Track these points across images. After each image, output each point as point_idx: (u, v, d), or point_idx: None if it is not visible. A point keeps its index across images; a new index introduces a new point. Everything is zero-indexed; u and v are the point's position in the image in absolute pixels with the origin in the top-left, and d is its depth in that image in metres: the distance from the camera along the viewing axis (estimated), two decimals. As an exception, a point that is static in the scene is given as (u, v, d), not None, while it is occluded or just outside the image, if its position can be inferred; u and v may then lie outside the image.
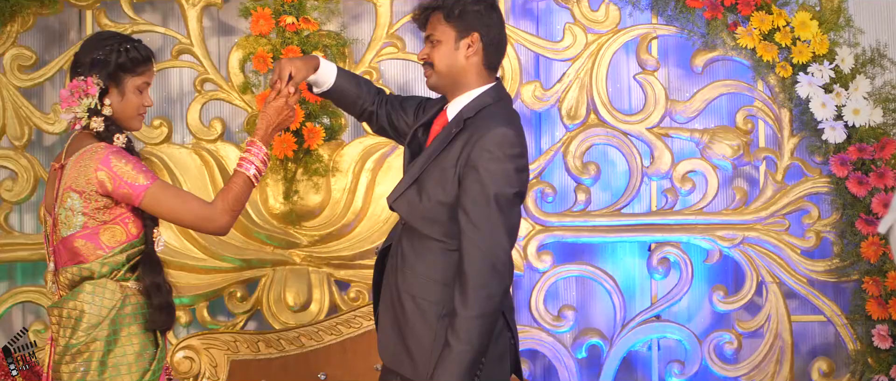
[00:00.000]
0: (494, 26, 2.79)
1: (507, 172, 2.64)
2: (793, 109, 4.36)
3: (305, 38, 4.30)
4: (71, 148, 2.83)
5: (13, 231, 4.45)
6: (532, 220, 4.40)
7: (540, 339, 4.40)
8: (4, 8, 4.34)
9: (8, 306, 4.44)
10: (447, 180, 2.68)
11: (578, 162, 4.40)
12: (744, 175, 4.60)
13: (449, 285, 2.67)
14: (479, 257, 2.60)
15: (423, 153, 2.78)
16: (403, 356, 2.76)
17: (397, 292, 2.77)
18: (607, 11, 4.42)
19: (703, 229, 4.39)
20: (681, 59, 4.59)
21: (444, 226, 2.70)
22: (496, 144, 2.64)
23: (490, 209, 2.61)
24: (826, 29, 4.28)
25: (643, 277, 4.56)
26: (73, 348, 2.76)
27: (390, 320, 2.80)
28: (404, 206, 2.77)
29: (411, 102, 3.06)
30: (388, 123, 3.05)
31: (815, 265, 4.38)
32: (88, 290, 2.78)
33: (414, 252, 2.76)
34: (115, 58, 2.81)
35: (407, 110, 3.03)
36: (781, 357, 4.38)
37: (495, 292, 2.62)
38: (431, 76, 2.82)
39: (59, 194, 2.79)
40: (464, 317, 2.60)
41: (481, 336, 2.62)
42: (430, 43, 2.81)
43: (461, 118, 2.73)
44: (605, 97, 4.41)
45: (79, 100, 2.79)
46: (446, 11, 2.77)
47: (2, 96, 4.43)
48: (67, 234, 2.78)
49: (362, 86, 3.06)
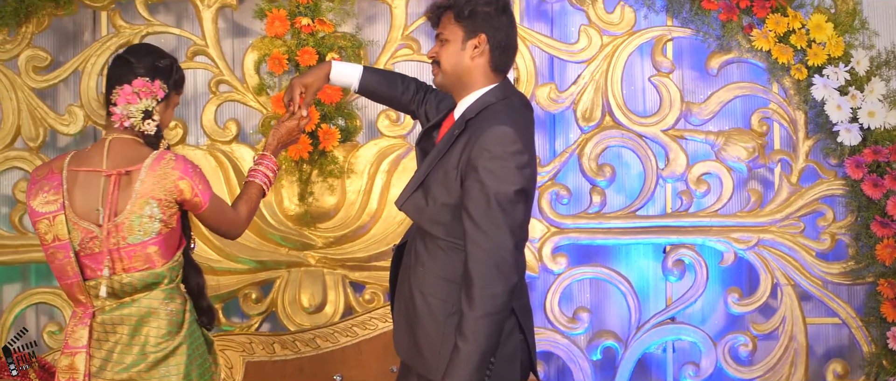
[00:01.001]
0: (503, 29, 2.79)
1: (506, 169, 2.62)
2: (808, 112, 4.37)
3: (321, 39, 4.30)
4: (115, 153, 2.84)
5: (28, 233, 4.44)
6: (547, 222, 4.40)
7: (555, 341, 4.40)
8: (20, 9, 4.34)
9: (23, 307, 4.44)
10: (450, 182, 2.69)
11: (593, 164, 4.41)
12: (758, 177, 4.61)
13: (456, 283, 2.68)
14: (483, 257, 2.60)
15: (429, 156, 2.79)
16: (415, 351, 2.78)
17: (409, 288, 2.79)
18: (622, 13, 4.42)
19: (718, 232, 4.39)
20: (695, 61, 4.59)
21: (450, 227, 2.71)
22: (494, 142, 2.63)
23: (491, 209, 2.60)
24: (841, 31, 4.29)
25: (658, 279, 4.56)
26: (155, 352, 2.82)
27: (403, 316, 2.83)
28: (412, 208, 2.78)
29: (438, 97, 3.09)
30: (427, 120, 3.08)
31: (830, 268, 4.38)
32: (160, 296, 2.85)
33: (426, 250, 2.77)
34: (175, 71, 2.94)
35: (438, 107, 3.07)
36: (796, 359, 4.38)
37: (500, 291, 2.61)
38: (438, 75, 2.83)
39: (126, 200, 2.81)
40: (470, 318, 2.60)
41: (488, 336, 2.61)
42: (439, 41, 2.82)
43: (463, 119, 2.74)
44: (620, 99, 4.41)
45: (140, 99, 2.84)
46: (457, 11, 2.78)
47: (17, 97, 4.43)
48: (142, 240, 2.81)
49: (398, 85, 3.12)
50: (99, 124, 4.42)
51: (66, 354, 2.84)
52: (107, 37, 4.44)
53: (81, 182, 2.84)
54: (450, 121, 2.84)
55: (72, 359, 2.82)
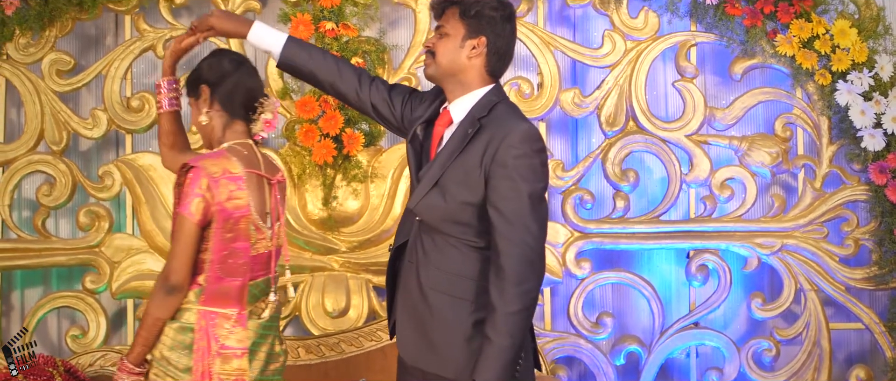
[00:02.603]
0: (504, 36, 2.78)
1: (534, 167, 2.66)
2: (831, 117, 4.37)
3: (345, 43, 4.30)
4: (266, 161, 3.00)
5: (50, 236, 4.44)
6: (571, 226, 4.40)
7: (578, 346, 4.40)
8: (43, 12, 4.34)
9: (46, 310, 4.43)
10: (472, 181, 2.68)
11: (617, 169, 4.41)
12: (782, 183, 4.61)
13: (474, 280, 2.69)
14: (517, 253, 2.61)
15: (440, 156, 2.76)
16: (426, 351, 2.77)
17: (420, 287, 2.77)
18: (646, 18, 4.43)
19: (742, 237, 4.40)
20: (717, 66, 4.59)
21: (469, 226, 2.71)
22: (522, 140, 2.65)
23: (522, 205, 2.62)
24: (865, 37, 4.30)
25: (681, 284, 4.57)
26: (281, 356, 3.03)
27: (410, 316, 2.80)
28: (426, 208, 2.77)
29: (399, 90, 3.00)
30: (372, 108, 3.00)
31: (854, 273, 4.39)
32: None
33: (437, 249, 2.76)
34: None
35: (393, 99, 2.98)
36: (819, 365, 4.39)
37: (533, 286, 2.64)
38: (430, 66, 2.81)
39: (281, 205, 3.01)
40: (503, 313, 2.61)
41: (521, 331, 2.64)
42: (438, 34, 2.81)
43: (474, 118, 2.73)
44: (644, 104, 4.41)
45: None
46: (463, 8, 2.77)
47: (40, 101, 4.42)
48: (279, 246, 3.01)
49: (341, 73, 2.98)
50: (122, 128, 4.42)
51: (225, 355, 2.84)
52: (130, 40, 4.44)
53: (255, 184, 2.91)
54: (444, 118, 2.82)
55: (236, 361, 2.85)
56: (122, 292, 4.38)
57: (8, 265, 4.42)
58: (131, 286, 4.37)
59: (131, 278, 4.37)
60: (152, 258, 4.37)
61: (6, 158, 4.42)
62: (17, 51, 4.42)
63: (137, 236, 4.41)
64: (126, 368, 2.86)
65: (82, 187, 4.43)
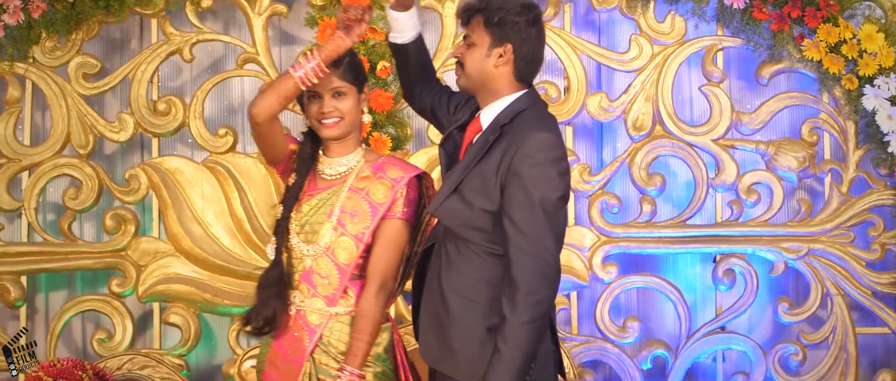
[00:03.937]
0: (530, 41, 2.76)
1: (550, 176, 2.63)
2: (858, 122, 4.38)
3: (371, 47, 4.30)
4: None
5: (77, 240, 4.43)
6: (597, 231, 4.40)
7: (604, 350, 4.40)
8: (70, 16, 4.33)
9: (72, 314, 4.42)
10: (490, 188, 2.67)
11: (644, 173, 4.41)
12: (808, 187, 4.62)
13: (496, 287, 2.67)
14: (528, 263, 2.60)
15: (462, 161, 2.77)
16: (445, 353, 2.76)
17: (441, 291, 2.76)
18: (673, 23, 4.43)
19: (768, 241, 4.40)
20: (744, 70, 4.60)
21: (487, 233, 2.70)
22: (538, 149, 2.63)
23: (536, 215, 2.60)
24: (892, 41, 4.30)
25: (707, 288, 4.57)
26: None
27: (432, 318, 2.81)
28: (446, 213, 2.76)
29: (455, 98, 3.03)
30: (430, 110, 3.06)
31: (880, 277, 4.39)
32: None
33: (458, 253, 2.75)
34: None
35: (450, 104, 3.02)
36: (846, 369, 4.39)
37: (544, 297, 2.62)
38: (461, 77, 2.82)
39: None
40: (513, 323, 2.59)
41: (531, 342, 2.62)
42: (466, 43, 2.80)
43: (497, 125, 2.72)
44: (670, 108, 4.41)
45: None
46: (487, 16, 2.75)
47: (66, 104, 4.42)
48: None
49: (430, 67, 3.12)
50: (149, 132, 4.42)
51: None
52: (157, 44, 4.44)
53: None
54: (475, 125, 2.83)
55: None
56: (148, 296, 4.38)
57: (34, 269, 4.42)
58: (157, 290, 4.37)
59: (157, 281, 4.37)
60: (178, 262, 4.37)
61: (32, 162, 4.41)
62: (43, 54, 4.42)
63: (163, 240, 4.41)
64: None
65: (108, 191, 4.43)
